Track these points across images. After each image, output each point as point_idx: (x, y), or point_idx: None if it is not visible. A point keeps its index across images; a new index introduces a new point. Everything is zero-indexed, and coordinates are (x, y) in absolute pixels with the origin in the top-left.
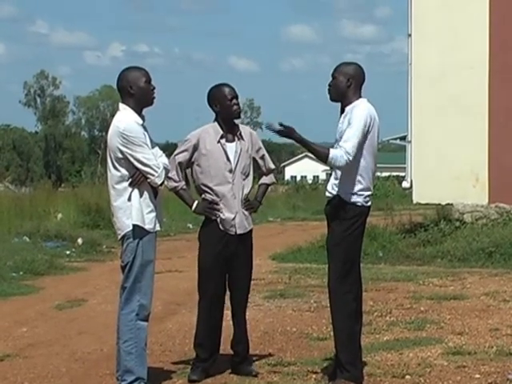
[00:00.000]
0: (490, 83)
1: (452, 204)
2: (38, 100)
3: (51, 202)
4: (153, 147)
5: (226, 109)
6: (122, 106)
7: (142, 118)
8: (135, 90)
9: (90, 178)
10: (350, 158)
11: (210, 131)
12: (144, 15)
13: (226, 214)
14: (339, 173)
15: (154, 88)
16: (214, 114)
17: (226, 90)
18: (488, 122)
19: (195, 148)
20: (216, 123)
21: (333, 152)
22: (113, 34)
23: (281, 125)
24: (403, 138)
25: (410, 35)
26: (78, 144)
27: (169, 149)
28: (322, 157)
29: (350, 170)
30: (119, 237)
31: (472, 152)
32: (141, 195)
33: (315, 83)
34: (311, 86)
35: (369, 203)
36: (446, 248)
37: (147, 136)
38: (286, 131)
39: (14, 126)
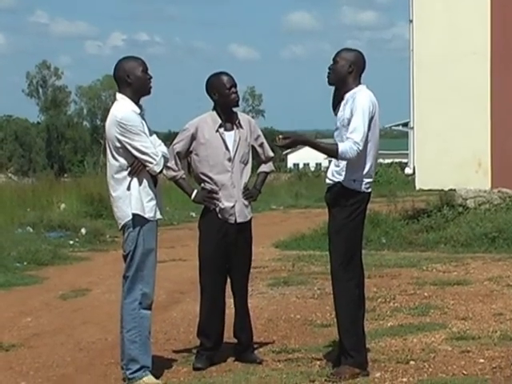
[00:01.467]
0: (491, 69)
1: (455, 190)
2: (40, 90)
3: (54, 192)
4: (150, 135)
5: (224, 97)
6: (119, 95)
7: (140, 107)
8: (132, 79)
9: (93, 168)
10: (360, 148)
11: (209, 120)
12: (144, 4)
13: (225, 203)
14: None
15: (151, 77)
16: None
17: (225, 78)
18: (490, 108)
19: (193, 137)
20: (214, 112)
21: (342, 146)
22: (113, 23)
23: (283, 138)
24: (405, 125)
25: (411, 21)
26: (80, 134)
27: (170, 138)
28: (332, 153)
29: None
30: (120, 226)
31: (474, 137)
32: (140, 184)
33: (316, 70)
34: (312, 73)
35: (369, 189)
36: (449, 234)
37: (145, 125)
38: (290, 141)
39: (17, 117)
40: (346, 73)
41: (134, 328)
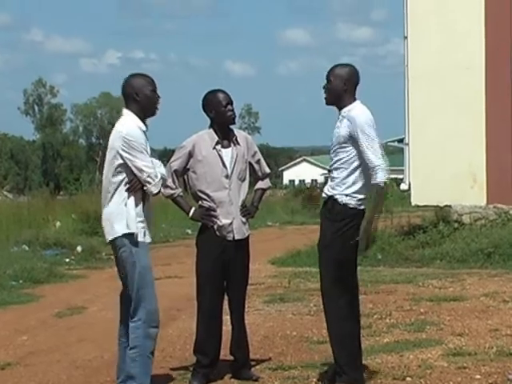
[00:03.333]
0: (486, 84)
1: (450, 205)
2: (36, 108)
3: (50, 210)
4: (152, 156)
5: (220, 115)
6: (125, 111)
7: (145, 125)
8: (141, 97)
9: (89, 186)
10: (383, 166)
11: (206, 137)
12: (139, 21)
13: (222, 221)
14: (335, 175)
15: (159, 97)
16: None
17: (221, 95)
18: (485, 123)
19: (190, 155)
20: (211, 129)
21: (376, 181)
22: (108, 40)
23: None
24: (401, 141)
25: (405, 37)
26: (75, 152)
27: (166, 155)
28: (384, 196)
29: (345, 172)
30: (107, 241)
31: (469, 153)
32: (135, 205)
33: (312, 86)
34: (308, 89)
35: (362, 206)
36: (445, 249)
37: (147, 144)
38: (367, 239)
39: (12, 135)
40: (341, 91)
41: (135, 347)
